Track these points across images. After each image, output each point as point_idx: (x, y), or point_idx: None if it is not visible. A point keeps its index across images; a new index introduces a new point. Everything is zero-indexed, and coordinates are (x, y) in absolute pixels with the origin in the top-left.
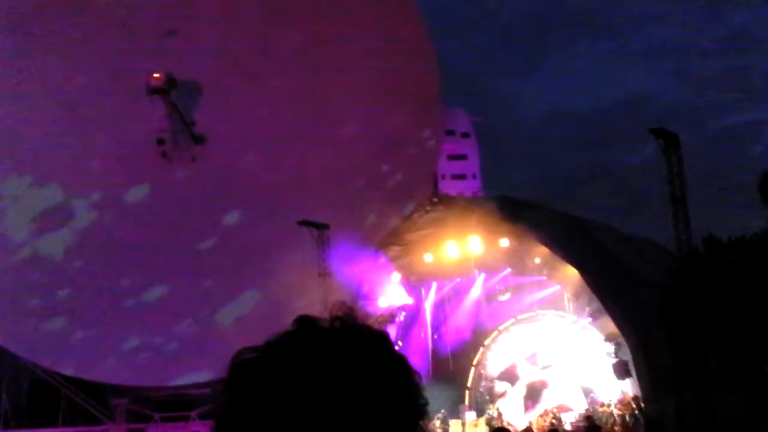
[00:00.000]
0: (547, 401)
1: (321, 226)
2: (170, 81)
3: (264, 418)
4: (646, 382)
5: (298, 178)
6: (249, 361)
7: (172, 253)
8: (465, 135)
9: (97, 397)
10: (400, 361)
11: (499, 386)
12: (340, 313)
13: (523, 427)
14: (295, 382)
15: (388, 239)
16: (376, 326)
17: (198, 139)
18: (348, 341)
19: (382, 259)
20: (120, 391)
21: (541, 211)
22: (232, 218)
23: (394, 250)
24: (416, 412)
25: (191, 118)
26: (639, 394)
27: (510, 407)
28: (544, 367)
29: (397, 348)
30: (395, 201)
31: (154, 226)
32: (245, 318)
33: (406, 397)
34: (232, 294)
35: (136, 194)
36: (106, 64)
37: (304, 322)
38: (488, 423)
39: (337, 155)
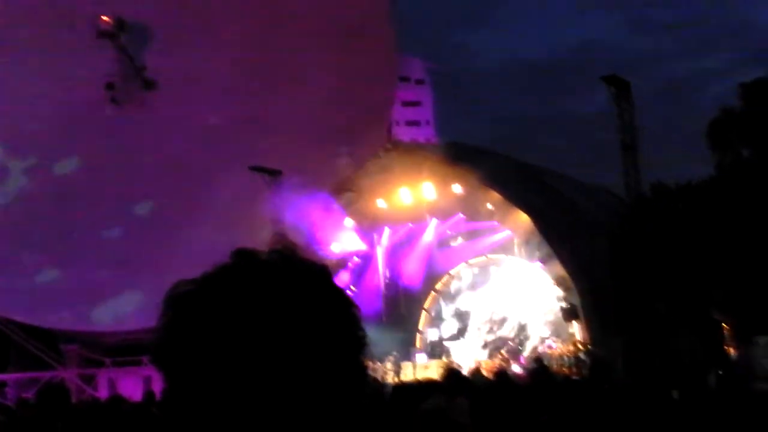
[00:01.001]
0: (498, 343)
1: (273, 172)
2: (120, 24)
3: (200, 351)
4: (594, 325)
5: (251, 124)
6: (185, 293)
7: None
8: (419, 82)
9: (48, 342)
10: (339, 294)
11: (451, 329)
12: (278, 247)
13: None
14: (232, 313)
15: (340, 185)
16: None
17: (149, 84)
18: (286, 273)
19: (335, 205)
20: (71, 337)
21: (494, 157)
22: (177, 168)
23: (347, 195)
24: (356, 345)
25: (142, 63)
26: (587, 336)
27: (461, 349)
28: (494, 311)
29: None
30: (348, 147)
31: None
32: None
33: (346, 329)
34: (178, 241)
35: (66, 166)
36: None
37: (242, 254)
38: (440, 365)
39: (291, 101)
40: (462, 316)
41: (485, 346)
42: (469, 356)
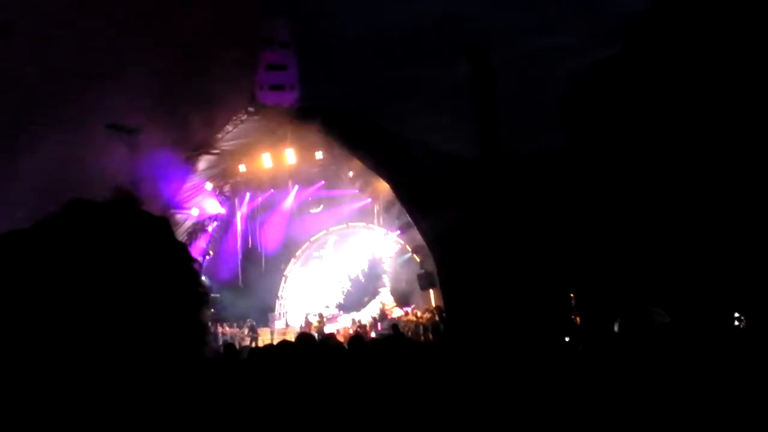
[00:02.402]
0: (357, 311)
1: (131, 130)
2: None
3: (30, 297)
4: (449, 293)
5: (109, 80)
6: (15, 239)
7: None
8: (284, 45)
9: None
10: (177, 247)
11: (310, 295)
12: (117, 197)
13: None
14: (59, 257)
15: (201, 148)
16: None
17: (1, 32)
18: (123, 222)
19: (195, 168)
20: None
21: (356, 124)
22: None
23: (208, 159)
24: (192, 300)
25: None
26: (441, 304)
27: (322, 316)
28: (354, 279)
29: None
30: (210, 109)
31: None
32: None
33: (181, 283)
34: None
35: None
36: None
37: (77, 202)
38: (297, 331)
39: (155, 59)
40: (321, 283)
41: (344, 312)
42: (326, 323)
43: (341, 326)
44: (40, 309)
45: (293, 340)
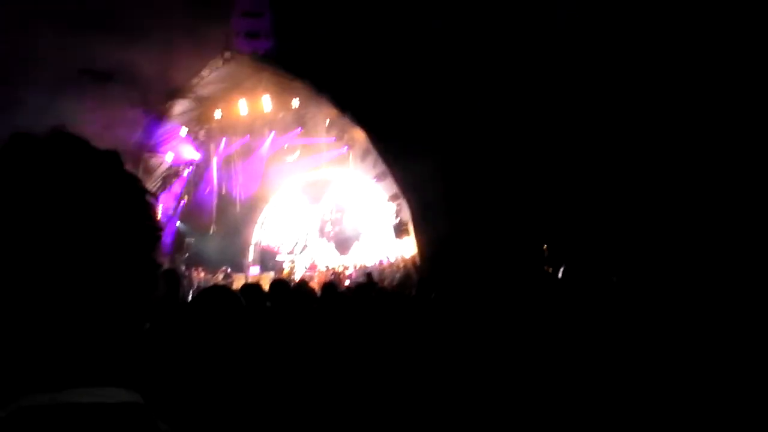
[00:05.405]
0: (331, 258)
1: (104, 76)
2: None
3: None
4: (423, 242)
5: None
6: None
7: None
8: None
9: None
10: (130, 179)
11: (285, 242)
12: (62, 130)
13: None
14: (6, 193)
15: (177, 93)
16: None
17: None
18: (67, 154)
19: (170, 113)
20: None
21: (331, 70)
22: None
23: (183, 104)
24: (148, 236)
25: None
26: (416, 253)
27: (295, 263)
28: (329, 226)
29: (183, 202)
30: (185, 54)
31: None
32: None
33: (136, 218)
34: None
35: None
36: None
37: (18, 135)
38: (271, 277)
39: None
40: (296, 231)
41: (318, 260)
42: (301, 270)
43: (316, 273)
44: None
45: (267, 285)
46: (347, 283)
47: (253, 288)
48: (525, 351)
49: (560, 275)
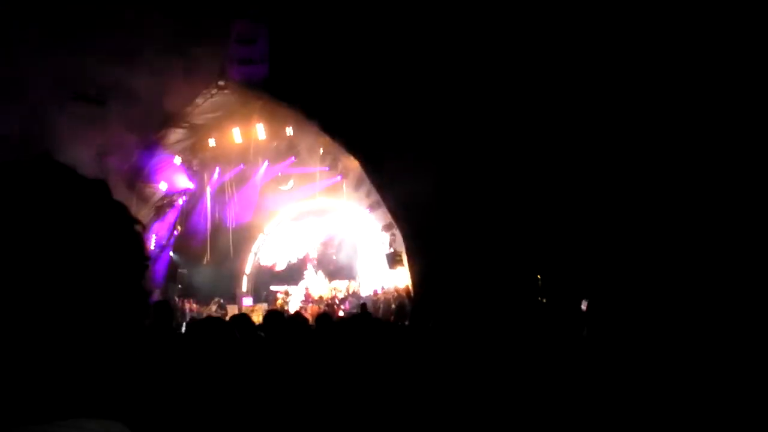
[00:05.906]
0: (325, 289)
1: (98, 102)
2: None
3: None
4: (416, 271)
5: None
6: None
7: None
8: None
9: None
10: (118, 208)
11: (279, 273)
12: (48, 158)
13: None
14: None
15: (171, 121)
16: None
17: None
18: (52, 183)
19: (164, 142)
20: None
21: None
22: None
23: (177, 132)
24: (135, 265)
25: None
26: (409, 283)
27: (292, 296)
28: (323, 257)
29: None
30: (181, 82)
31: None
32: None
33: (122, 248)
34: None
35: None
36: None
37: (2, 164)
38: (265, 308)
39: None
40: (291, 261)
41: (313, 291)
42: (296, 301)
43: (309, 305)
44: None
45: (261, 316)
46: (341, 314)
47: (243, 318)
48: (524, 381)
49: (584, 308)
